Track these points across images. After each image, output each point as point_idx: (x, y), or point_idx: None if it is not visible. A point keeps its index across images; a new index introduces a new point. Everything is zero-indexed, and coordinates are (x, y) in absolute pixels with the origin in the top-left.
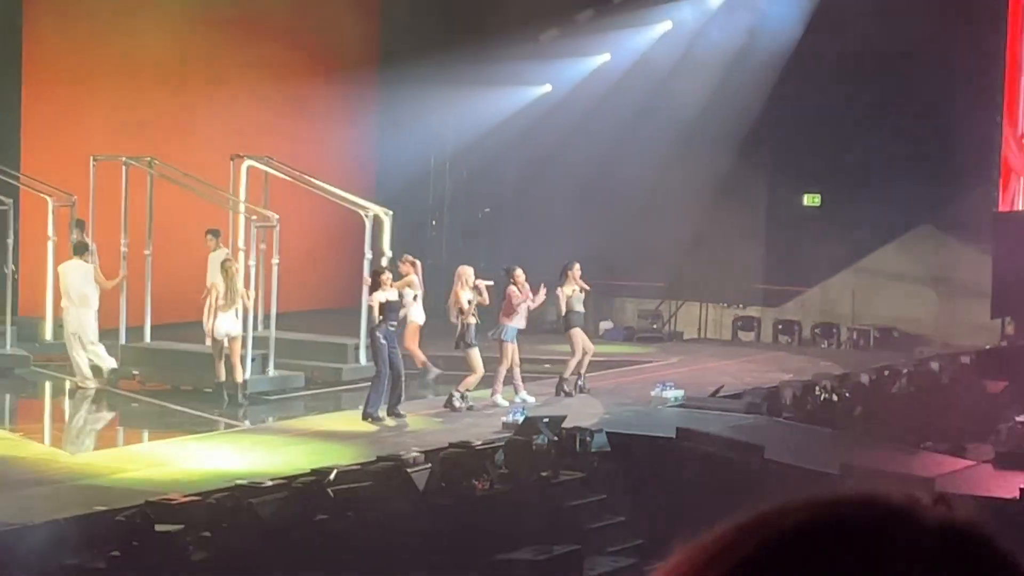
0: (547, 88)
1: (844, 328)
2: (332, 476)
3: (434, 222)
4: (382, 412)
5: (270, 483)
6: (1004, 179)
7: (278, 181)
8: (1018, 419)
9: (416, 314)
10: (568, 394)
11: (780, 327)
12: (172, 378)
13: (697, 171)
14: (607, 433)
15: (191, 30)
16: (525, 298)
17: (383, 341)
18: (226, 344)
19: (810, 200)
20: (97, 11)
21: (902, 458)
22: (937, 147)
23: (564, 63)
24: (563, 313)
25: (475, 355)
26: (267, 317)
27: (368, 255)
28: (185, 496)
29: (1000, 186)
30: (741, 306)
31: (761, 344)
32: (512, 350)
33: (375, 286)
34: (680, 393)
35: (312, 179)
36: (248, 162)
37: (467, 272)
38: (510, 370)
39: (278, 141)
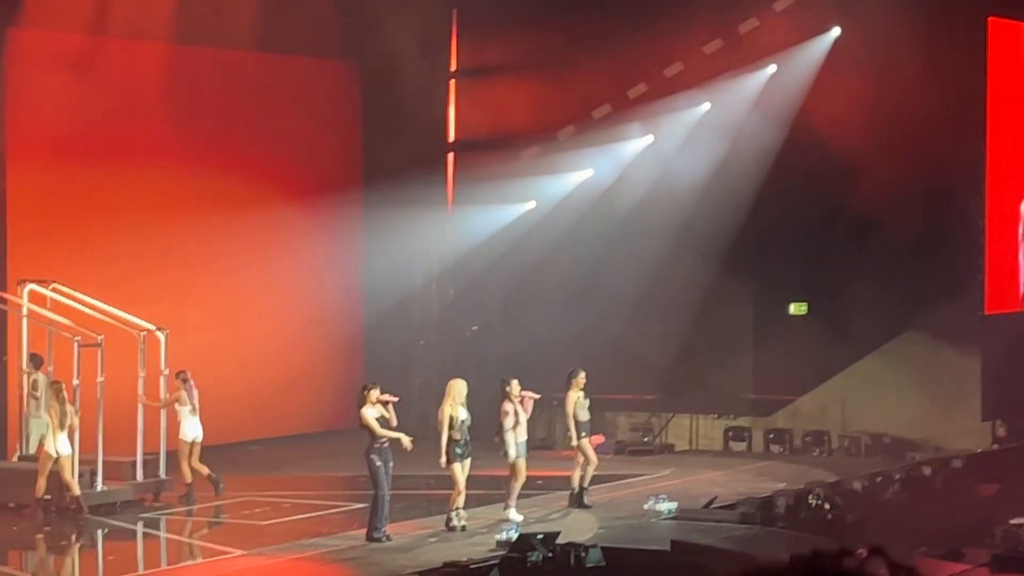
0: (531, 205)
1: (835, 435)
2: None
3: (422, 342)
4: (386, 530)
5: None
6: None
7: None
8: (1012, 522)
9: (189, 430)
10: (587, 506)
11: (771, 436)
12: None
13: (683, 283)
14: (601, 548)
15: (169, 153)
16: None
17: (379, 463)
18: (63, 461)
19: (797, 309)
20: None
21: None
22: (921, 252)
23: (547, 180)
24: (569, 421)
25: (457, 471)
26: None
27: (142, 373)
28: None
29: (988, 286)
30: (732, 417)
31: (753, 454)
32: (517, 466)
33: (362, 402)
34: (673, 505)
35: (93, 301)
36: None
37: (458, 386)
38: (512, 486)
39: (263, 266)
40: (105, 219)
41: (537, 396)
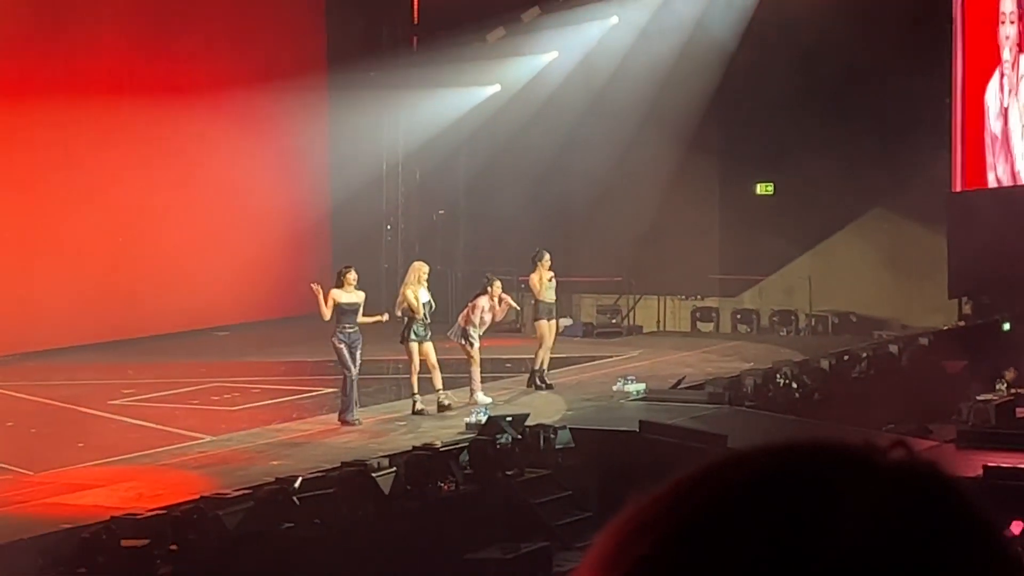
0: (496, 88)
1: (802, 315)
2: (297, 484)
3: (389, 226)
4: (357, 414)
5: (234, 493)
6: (969, 154)
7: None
8: (979, 398)
9: None
10: (549, 386)
11: (739, 316)
12: None
13: (649, 164)
14: (571, 429)
15: (135, 40)
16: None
17: (341, 345)
18: None
19: (763, 189)
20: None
21: None
22: (888, 130)
23: (512, 62)
24: (534, 303)
25: (414, 351)
26: None
27: None
28: (150, 510)
29: (956, 164)
30: (699, 297)
31: (720, 334)
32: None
33: (337, 284)
34: (642, 386)
35: None
36: None
37: (421, 268)
38: (475, 368)
39: (229, 149)
40: (56, 106)
41: (517, 307)
